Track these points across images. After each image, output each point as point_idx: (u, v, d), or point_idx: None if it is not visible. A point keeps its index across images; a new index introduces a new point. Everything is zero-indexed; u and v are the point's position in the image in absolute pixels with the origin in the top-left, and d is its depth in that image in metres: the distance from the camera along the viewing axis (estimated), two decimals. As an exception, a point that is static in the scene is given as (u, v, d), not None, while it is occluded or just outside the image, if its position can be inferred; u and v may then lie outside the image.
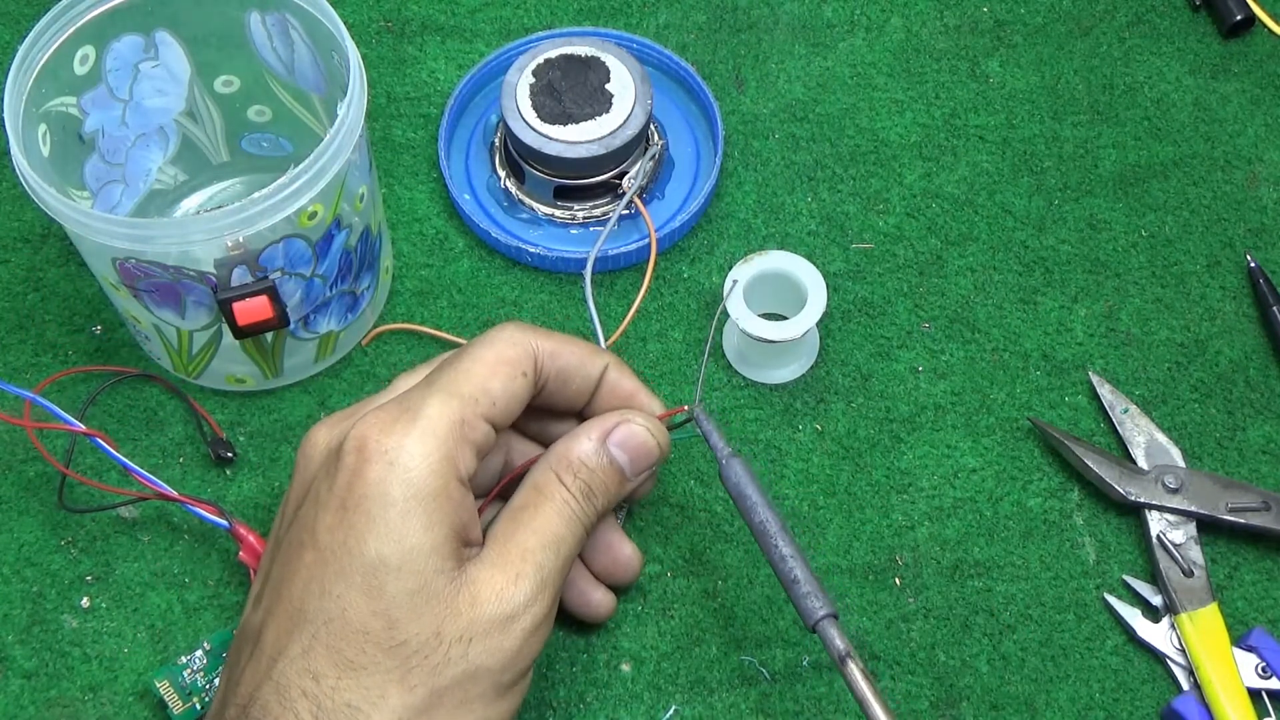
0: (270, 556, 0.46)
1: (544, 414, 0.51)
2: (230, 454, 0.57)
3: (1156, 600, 0.54)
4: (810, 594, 0.46)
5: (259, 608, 0.45)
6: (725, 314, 0.57)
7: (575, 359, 0.48)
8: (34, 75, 0.52)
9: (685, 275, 0.62)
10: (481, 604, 0.43)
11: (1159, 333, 0.61)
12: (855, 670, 0.45)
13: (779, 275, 0.58)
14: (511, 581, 0.44)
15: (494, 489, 0.50)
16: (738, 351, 0.60)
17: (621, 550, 0.52)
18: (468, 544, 0.44)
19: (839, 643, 0.45)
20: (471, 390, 0.45)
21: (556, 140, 0.59)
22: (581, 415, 0.51)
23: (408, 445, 0.43)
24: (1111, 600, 0.54)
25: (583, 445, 0.47)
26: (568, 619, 0.54)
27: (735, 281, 0.58)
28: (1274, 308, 0.60)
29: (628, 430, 0.48)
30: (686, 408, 0.50)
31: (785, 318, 0.58)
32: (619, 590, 0.53)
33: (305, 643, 0.42)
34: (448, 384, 0.45)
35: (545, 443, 0.51)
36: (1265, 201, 0.64)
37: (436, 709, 0.42)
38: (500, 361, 0.46)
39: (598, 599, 0.52)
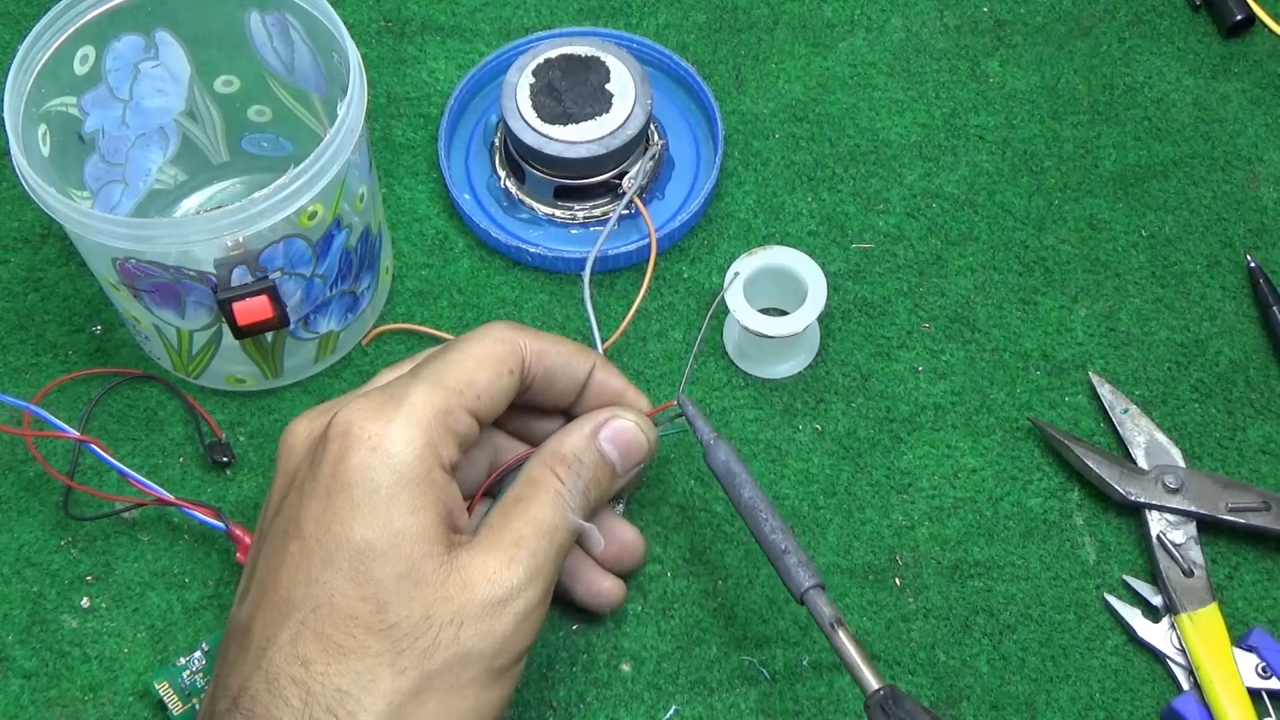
0: (256, 551, 0.46)
1: (531, 413, 0.51)
2: (227, 458, 0.57)
3: (1156, 600, 0.54)
4: (799, 564, 0.47)
5: (246, 601, 0.45)
6: (723, 304, 0.57)
7: (562, 359, 0.49)
8: (34, 75, 0.53)
9: (685, 275, 0.62)
10: (473, 587, 0.43)
11: (1159, 333, 0.61)
12: (845, 637, 0.45)
13: (780, 270, 0.58)
14: (505, 565, 0.44)
15: (482, 485, 0.51)
16: (737, 347, 0.60)
17: (625, 535, 0.52)
18: (456, 530, 0.45)
19: (827, 610, 0.46)
20: (456, 382, 0.46)
21: (556, 140, 0.59)
22: (568, 414, 0.51)
23: (391, 431, 0.43)
24: (1111, 600, 0.54)
25: (575, 439, 0.48)
26: (574, 615, 0.54)
27: (736, 274, 0.58)
28: (1274, 308, 0.60)
29: (618, 425, 0.49)
30: (674, 402, 0.51)
31: (785, 312, 0.58)
32: (626, 577, 0.54)
33: (293, 630, 0.42)
34: (433, 374, 0.46)
35: (532, 442, 0.51)
36: (1265, 201, 0.64)
37: (427, 693, 0.42)
38: (487, 357, 0.47)
39: (607, 587, 0.52)
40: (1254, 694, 0.52)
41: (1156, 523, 0.55)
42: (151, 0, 0.55)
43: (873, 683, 0.45)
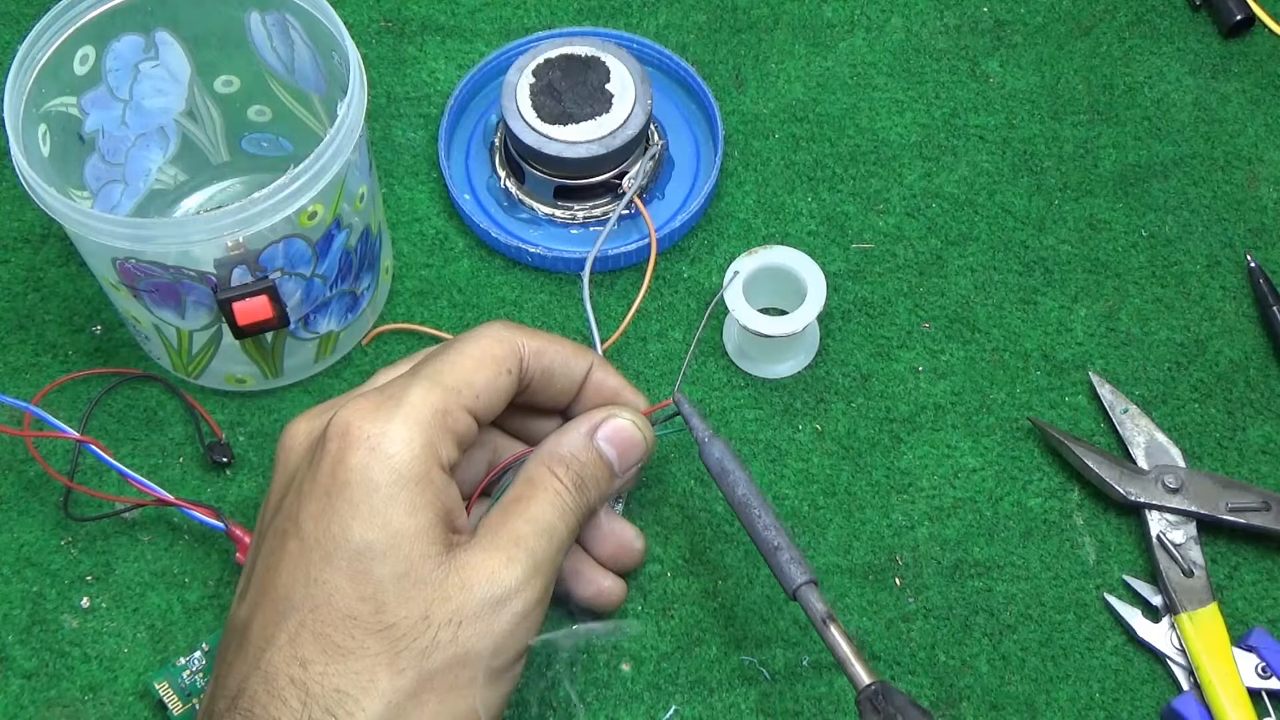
0: (255, 551, 0.46)
1: (529, 412, 0.51)
2: (226, 459, 0.57)
3: (1156, 600, 0.54)
4: (792, 561, 0.47)
5: (245, 601, 0.45)
6: (722, 303, 0.57)
7: (560, 358, 0.49)
8: (34, 75, 0.53)
9: (685, 275, 0.62)
10: (472, 587, 0.43)
11: (1159, 333, 0.61)
12: (836, 633, 0.46)
13: (780, 270, 0.58)
14: (503, 565, 0.44)
15: (480, 484, 0.51)
16: (737, 346, 0.60)
17: (624, 534, 0.52)
18: (454, 530, 0.45)
19: (820, 605, 0.46)
20: (455, 382, 0.46)
21: (556, 140, 0.59)
22: (566, 414, 0.51)
23: (390, 431, 0.44)
24: (1111, 600, 0.54)
25: (572, 439, 0.48)
26: (575, 615, 0.54)
27: (736, 273, 0.58)
28: (1274, 308, 0.60)
29: (616, 424, 0.49)
30: (672, 400, 0.51)
31: (785, 312, 0.58)
32: (627, 575, 0.54)
33: (292, 630, 0.42)
34: (432, 374, 0.46)
35: (531, 441, 0.51)
36: (1265, 201, 0.64)
37: (426, 693, 0.42)
38: (485, 357, 0.47)
39: (608, 586, 0.52)
40: (1254, 694, 0.52)
41: (1156, 523, 0.55)
42: (151, 0, 0.55)
43: (864, 678, 0.45)
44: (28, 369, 0.59)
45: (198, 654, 0.53)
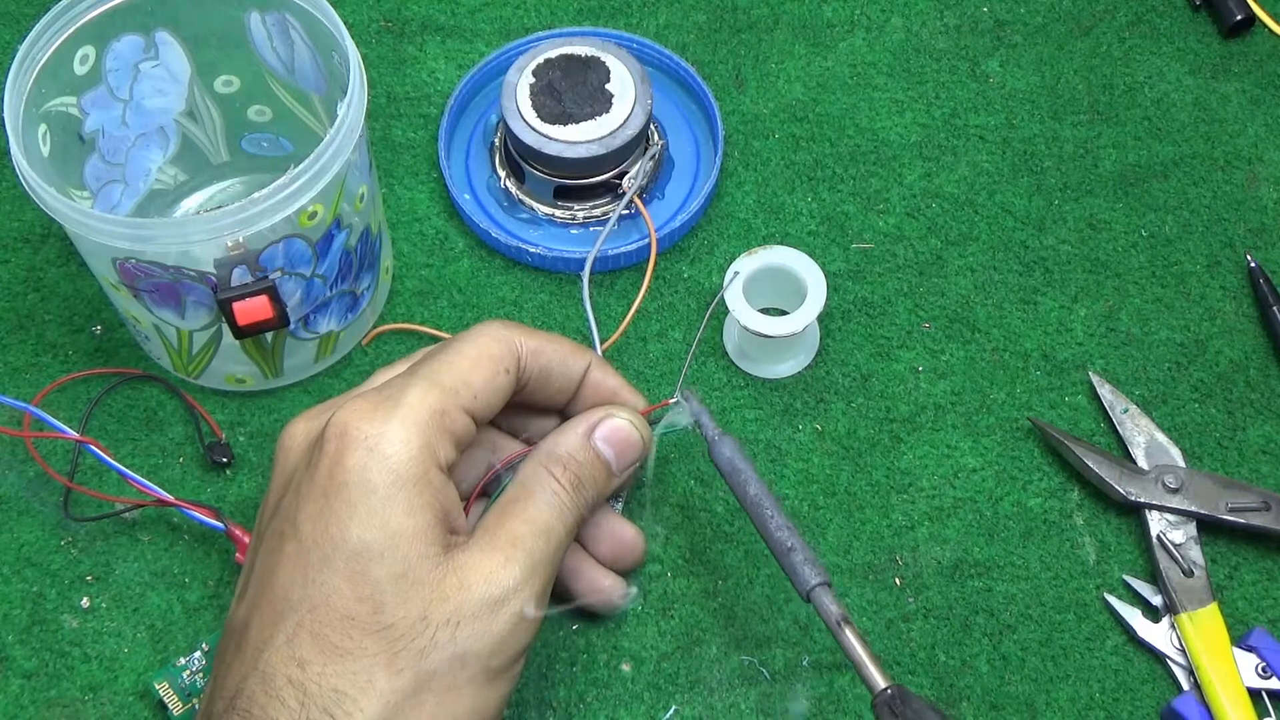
0: (253, 551, 0.46)
1: (527, 411, 0.51)
2: (226, 459, 0.57)
3: (1156, 600, 0.54)
4: (806, 561, 0.47)
5: (243, 602, 0.45)
6: (722, 303, 0.57)
7: (558, 357, 0.49)
8: (34, 75, 0.53)
9: (685, 275, 0.62)
10: (470, 587, 0.43)
11: (1159, 333, 0.61)
12: (851, 635, 0.46)
13: (780, 270, 0.58)
14: (501, 565, 0.44)
15: (478, 484, 0.51)
16: (737, 347, 0.60)
17: (624, 533, 0.52)
18: (452, 531, 0.45)
19: (834, 607, 0.46)
20: (453, 382, 0.46)
21: (556, 140, 0.59)
22: (564, 413, 0.51)
23: (388, 432, 0.44)
24: (1111, 600, 0.54)
25: (570, 439, 0.48)
26: (575, 615, 0.54)
27: (736, 273, 0.58)
28: (1274, 308, 0.60)
29: (613, 424, 0.49)
30: (671, 400, 0.51)
31: (785, 312, 0.58)
32: (627, 575, 0.54)
33: (290, 631, 0.42)
34: (429, 374, 0.46)
35: (529, 441, 0.51)
36: (1265, 201, 0.64)
37: (424, 693, 0.42)
38: (483, 356, 0.47)
39: (609, 585, 0.52)
40: (1254, 694, 0.52)
41: (1156, 523, 0.55)
42: (151, 0, 0.55)
43: (880, 681, 0.45)
44: (28, 369, 0.59)
45: (198, 654, 0.53)
